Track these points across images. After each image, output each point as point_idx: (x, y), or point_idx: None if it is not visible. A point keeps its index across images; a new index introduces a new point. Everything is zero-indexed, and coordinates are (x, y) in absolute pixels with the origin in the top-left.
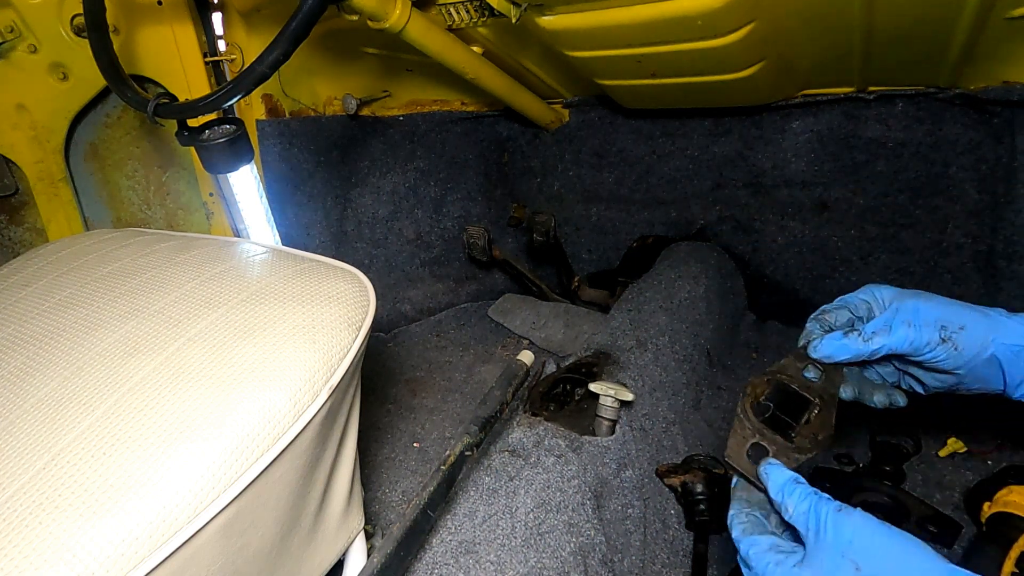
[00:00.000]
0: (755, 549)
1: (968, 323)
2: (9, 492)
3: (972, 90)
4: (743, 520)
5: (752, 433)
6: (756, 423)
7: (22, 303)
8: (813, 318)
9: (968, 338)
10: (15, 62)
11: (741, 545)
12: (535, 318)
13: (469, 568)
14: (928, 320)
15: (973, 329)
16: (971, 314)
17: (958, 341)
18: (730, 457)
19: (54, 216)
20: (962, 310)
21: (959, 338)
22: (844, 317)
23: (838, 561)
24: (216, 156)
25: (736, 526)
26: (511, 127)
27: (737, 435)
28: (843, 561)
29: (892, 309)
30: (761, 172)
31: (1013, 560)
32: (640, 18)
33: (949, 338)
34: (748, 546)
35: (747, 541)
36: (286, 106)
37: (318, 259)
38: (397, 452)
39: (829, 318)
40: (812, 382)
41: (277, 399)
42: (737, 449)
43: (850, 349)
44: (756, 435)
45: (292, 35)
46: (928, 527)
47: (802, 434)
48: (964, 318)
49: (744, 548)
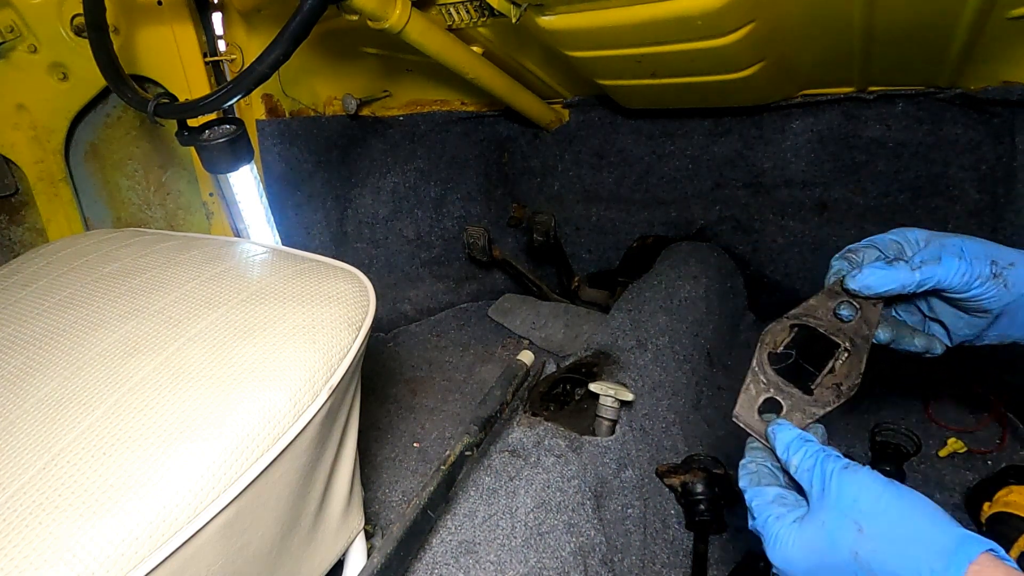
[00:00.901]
0: (759, 500)
1: (1018, 261)
2: (9, 492)
3: (972, 90)
4: (752, 470)
5: (766, 387)
6: (772, 375)
7: (22, 303)
8: (839, 256)
9: (1019, 275)
10: (15, 62)
11: (747, 495)
12: (535, 318)
13: (469, 568)
14: (978, 255)
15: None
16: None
17: (1009, 277)
18: (738, 416)
19: (54, 216)
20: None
21: (1010, 274)
22: (873, 255)
23: (840, 520)
24: (216, 156)
25: (744, 476)
26: (511, 127)
27: (750, 391)
28: (845, 520)
29: (936, 244)
30: (761, 172)
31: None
32: (640, 18)
33: (1000, 273)
34: (752, 496)
35: (752, 491)
36: (286, 106)
37: (318, 259)
38: (397, 452)
39: (857, 256)
40: (844, 322)
41: (277, 399)
42: (748, 406)
43: (897, 278)
44: (770, 389)
45: (292, 35)
46: None
47: (824, 384)
48: (1013, 256)
49: (749, 497)
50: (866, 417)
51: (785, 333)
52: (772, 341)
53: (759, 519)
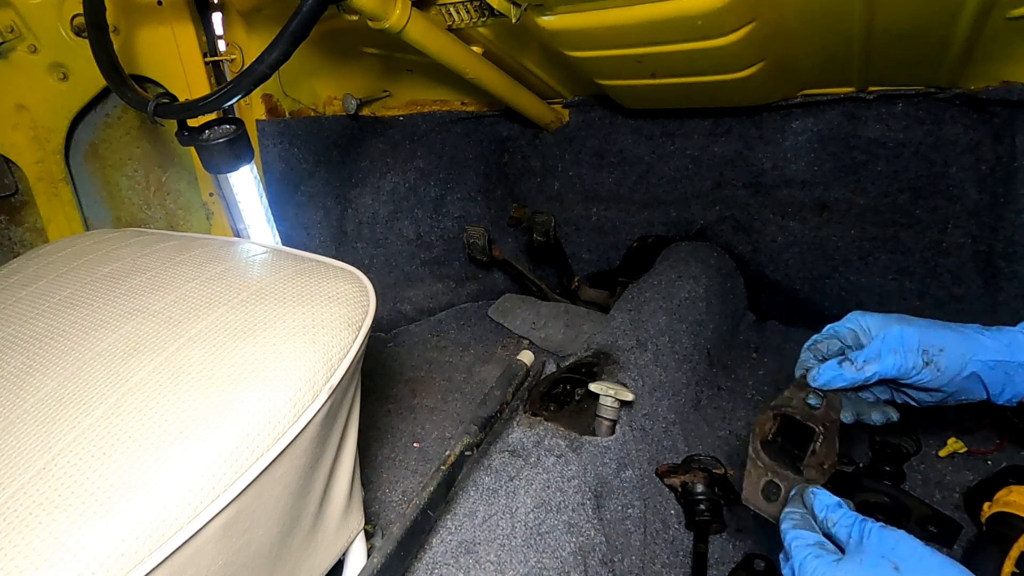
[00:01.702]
0: (799, 542)
1: (947, 344)
2: (9, 492)
3: (972, 90)
4: (796, 518)
5: (764, 471)
6: (767, 461)
7: (22, 303)
8: (807, 348)
9: (948, 359)
10: (15, 62)
11: (787, 537)
12: (535, 318)
13: (469, 568)
14: (911, 346)
15: (952, 350)
16: (949, 335)
17: (939, 363)
18: (747, 499)
19: (54, 216)
20: (941, 332)
21: (940, 359)
22: (835, 346)
23: (877, 560)
24: (216, 156)
25: (787, 520)
26: (511, 127)
27: (751, 476)
28: (882, 561)
29: (879, 337)
30: (761, 172)
31: (1013, 560)
32: (640, 18)
33: (931, 361)
34: (792, 538)
35: (793, 533)
36: (286, 106)
37: (318, 259)
38: (397, 452)
39: (821, 347)
40: (815, 409)
41: (277, 399)
42: (753, 490)
43: (846, 377)
44: (768, 473)
45: (292, 35)
46: (928, 527)
47: (810, 465)
48: (943, 340)
49: (788, 539)
50: None
51: (771, 422)
52: (761, 430)
53: (796, 557)
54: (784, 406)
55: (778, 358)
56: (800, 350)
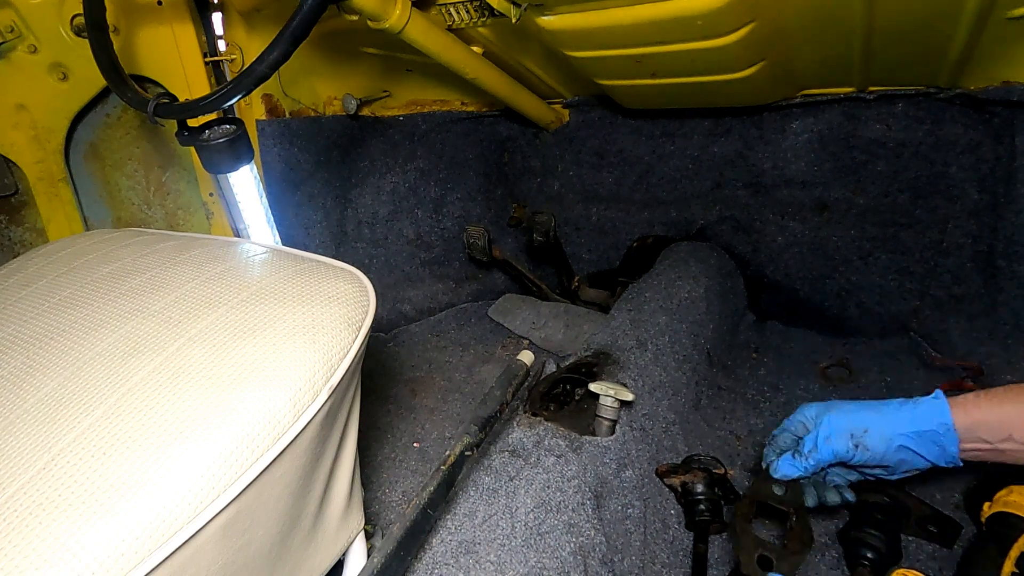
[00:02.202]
0: None
1: (870, 425)
2: (9, 492)
3: (972, 90)
4: None
5: (756, 546)
6: (755, 538)
7: (22, 303)
8: (767, 444)
9: (873, 438)
10: (15, 62)
11: None
12: (535, 318)
13: (469, 568)
14: (840, 432)
15: (875, 429)
16: (871, 416)
17: (867, 443)
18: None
19: (54, 216)
20: (865, 414)
21: (866, 440)
22: (790, 439)
23: None
24: (216, 156)
25: None
26: (511, 127)
27: (746, 551)
28: None
29: (816, 428)
30: (761, 172)
31: (1013, 560)
32: (640, 18)
33: (860, 443)
34: None
35: None
36: (286, 106)
37: (318, 259)
38: (397, 452)
39: (779, 441)
40: (783, 497)
41: (277, 399)
42: (748, 562)
43: (798, 467)
44: (759, 548)
45: (292, 35)
46: (928, 527)
47: (791, 539)
48: (866, 422)
49: None
50: None
51: (750, 507)
52: (743, 514)
53: None
54: (757, 493)
55: (778, 358)
56: (800, 350)
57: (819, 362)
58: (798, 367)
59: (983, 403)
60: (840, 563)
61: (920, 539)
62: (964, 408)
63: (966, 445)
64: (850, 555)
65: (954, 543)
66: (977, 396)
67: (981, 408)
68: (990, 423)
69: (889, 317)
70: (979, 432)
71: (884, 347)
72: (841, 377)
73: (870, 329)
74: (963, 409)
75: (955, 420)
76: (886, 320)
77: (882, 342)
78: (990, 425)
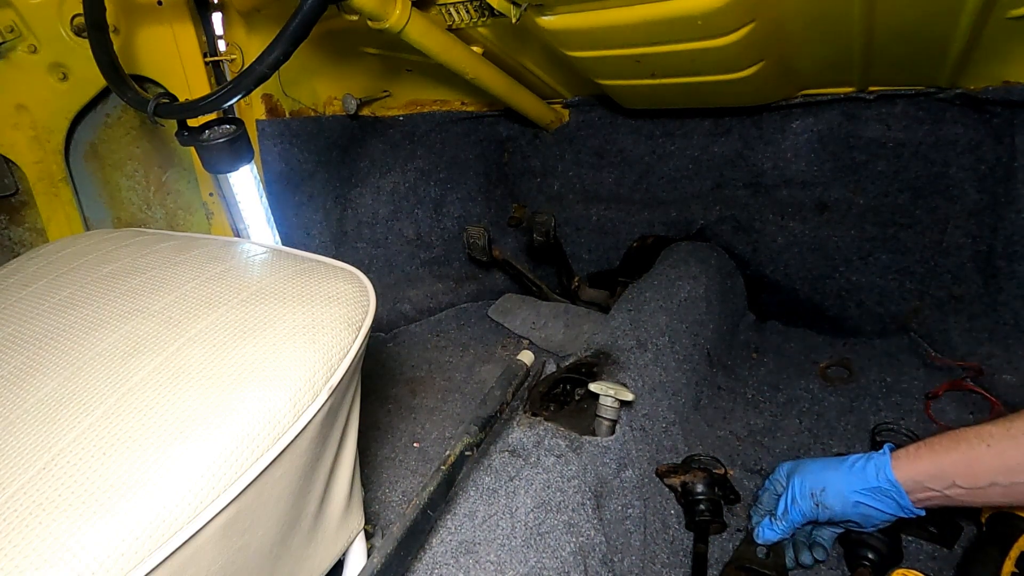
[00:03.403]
0: None
1: (827, 484)
2: (9, 492)
3: (972, 90)
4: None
5: None
6: None
7: (22, 303)
8: (753, 507)
9: (830, 496)
10: (15, 62)
11: None
12: (535, 318)
13: (469, 568)
14: (804, 493)
15: (831, 488)
16: (829, 475)
17: (825, 501)
18: None
19: (54, 216)
20: (826, 473)
21: (824, 498)
22: (772, 498)
23: None
24: (216, 156)
25: None
26: (511, 127)
27: None
28: None
29: (786, 489)
30: (761, 172)
31: (1013, 560)
32: (640, 18)
33: (820, 502)
34: None
35: None
36: (286, 106)
37: (318, 259)
38: (397, 452)
39: (762, 502)
40: (766, 560)
41: (277, 399)
42: None
43: (776, 531)
44: None
45: (292, 35)
46: (928, 527)
47: None
48: (824, 481)
49: None
50: (866, 417)
51: (738, 571)
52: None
53: None
54: (742, 558)
55: (778, 358)
56: (800, 350)
57: (819, 362)
58: (798, 367)
59: (923, 454)
60: (840, 563)
61: (920, 539)
62: (907, 461)
63: (918, 495)
64: (850, 555)
65: (954, 543)
66: (919, 448)
67: (922, 460)
68: (932, 473)
69: (889, 317)
70: (925, 482)
71: (884, 347)
72: (841, 377)
73: (870, 329)
74: (906, 462)
75: (898, 474)
76: (886, 320)
77: (882, 342)
78: (933, 475)
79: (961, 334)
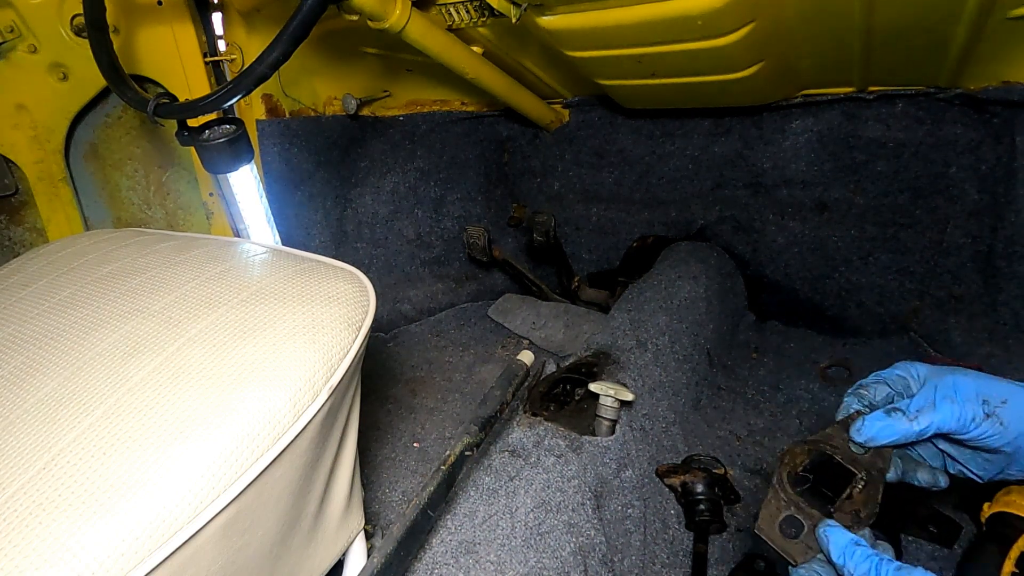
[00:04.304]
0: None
1: (1010, 397)
2: (9, 492)
3: (972, 90)
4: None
5: (787, 505)
6: (792, 494)
7: (22, 303)
8: (851, 392)
9: (1013, 413)
10: (15, 62)
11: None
12: (535, 318)
13: (469, 568)
14: (969, 395)
15: (1017, 403)
16: (1013, 388)
17: (1003, 416)
18: (760, 529)
19: (54, 216)
20: (1002, 384)
21: (1004, 412)
22: (883, 392)
23: None
24: (216, 156)
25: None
26: (511, 127)
27: (771, 506)
28: None
29: (931, 385)
30: (761, 172)
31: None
32: (640, 18)
33: (993, 413)
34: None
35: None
36: (286, 106)
37: (318, 259)
38: (397, 452)
39: (867, 392)
40: (859, 455)
41: (277, 399)
42: (769, 521)
43: (897, 430)
44: (791, 507)
45: (292, 35)
46: (928, 527)
47: (843, 509)
48: (1006, 392)
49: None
50: None
51: (804, 456)
52: (791, 462)
53: None
54: (824, 442)
55: (778, 358)
56: (800, 350)
57: (819, 362)
58: (798, 367)
59: None
60: None
61: (920, 539)
62: None
63: None
64: None
65: (954, 543)
66: None
67: None
68: None
69: (889, 317)
70: None
71: (884, 347)
72: (841, 377)
73: (870, 329)
74: None
75: None
76: (886, 320)
77: (882, 342)
78: None
79: (961, 334)
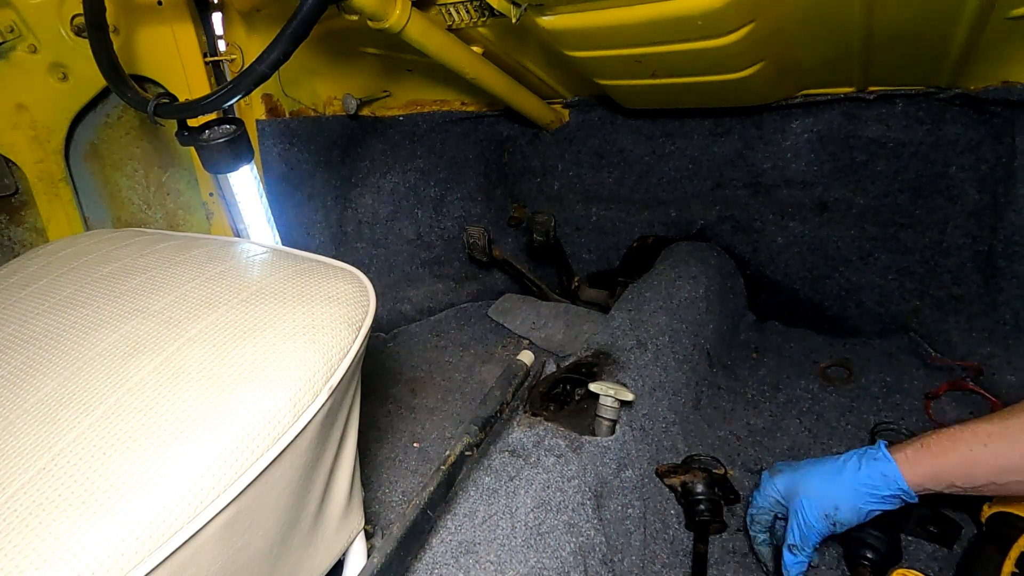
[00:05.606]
0: None
1: (839, 502)
2: (9, 492)
3: (972, 90)
4: None
5: None
6: None
7: (22, 303)
8: (750, 524)
9: (844, 515)
10: (15, 62)
11: None
12: (535, 318)
13: (469, 568)
14: (815, 516)
15: (843, 504)
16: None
17: (840, 519)
18: None
19: (54, 216)
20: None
21: (839, 516)
22: (768, 516)
23: None
24: (216, 156)
25: None
26: (511, 127)
27: None
28: None
29: (791, 513)
30: (761, 172)
31: (1013, 560)
32: (640, 18)
33: (836, 521)
34: None
35: None
36: (286, 106)
37: (318, 259)
38: (397, 452)
39: (759, 520)
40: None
41: (277, 399)
42: None
43: (802, 562)
44: None
45: (292, 35)
46: (928, 527)
47: None
48: (835, 498)
49: None
50: (866, 417)
51: None
52: None
53: None
54: None
55: (778, 358)
56: (800, 350)
57: (819, 362)
58: (798, 367)
59: (923, 459)
60: (840, 563)
61: (920, 539)
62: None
63: (917, 491)
64: (850, 555)
65: (954, 543)
66: (917, 452)
67: (922, 464)
68: (931, 476)
69: (889, 317)
70: (924, 484)
71: (884, 347)
72: (841, 377)
73: (870, 329)
74: (906, 467)
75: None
76: (886, 320)
77: (882, 342)
78: (932, 477)
79: (961, 334)
